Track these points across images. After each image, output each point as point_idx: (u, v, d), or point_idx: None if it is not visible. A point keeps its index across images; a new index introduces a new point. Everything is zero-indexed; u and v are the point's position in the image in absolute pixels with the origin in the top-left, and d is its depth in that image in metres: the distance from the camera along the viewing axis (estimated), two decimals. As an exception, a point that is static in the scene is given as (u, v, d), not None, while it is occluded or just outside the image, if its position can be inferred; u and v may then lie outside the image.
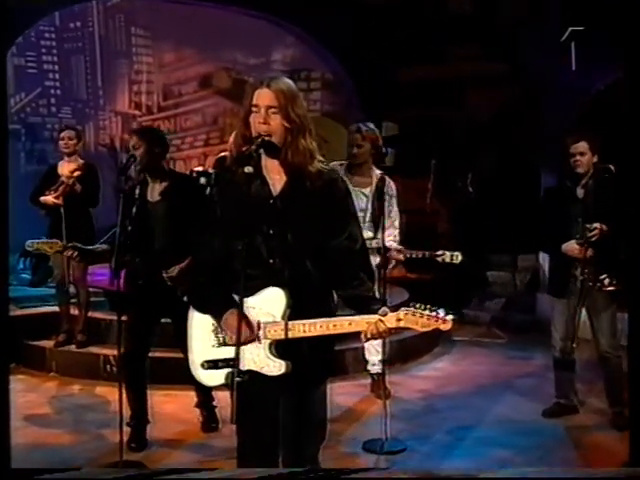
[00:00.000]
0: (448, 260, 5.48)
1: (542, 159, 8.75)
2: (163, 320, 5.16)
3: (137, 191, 5.10)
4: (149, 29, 11.71)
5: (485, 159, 10.06)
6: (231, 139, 7.12)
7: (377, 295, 3.33)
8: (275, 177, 3.13)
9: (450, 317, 2.89)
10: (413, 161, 9.77)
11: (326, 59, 11.20)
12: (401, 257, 5.55)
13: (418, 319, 2.88)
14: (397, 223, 5.88)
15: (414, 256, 5.57)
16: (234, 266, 3.06)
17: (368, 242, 4.78)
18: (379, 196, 5.54)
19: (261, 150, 3.07)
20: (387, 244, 5.48)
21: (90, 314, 7.19)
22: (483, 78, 9.75)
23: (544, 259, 8.24)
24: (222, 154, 8.30)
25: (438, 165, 10.31)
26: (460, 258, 5.46)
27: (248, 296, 3.00)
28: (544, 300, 8.56)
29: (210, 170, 7.67)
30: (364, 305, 3.02)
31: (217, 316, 3.11)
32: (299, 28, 10.70)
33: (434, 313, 2.87)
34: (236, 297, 3.03)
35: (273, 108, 3.03)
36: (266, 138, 3.04)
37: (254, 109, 3.06)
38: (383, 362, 5.83)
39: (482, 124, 9.93)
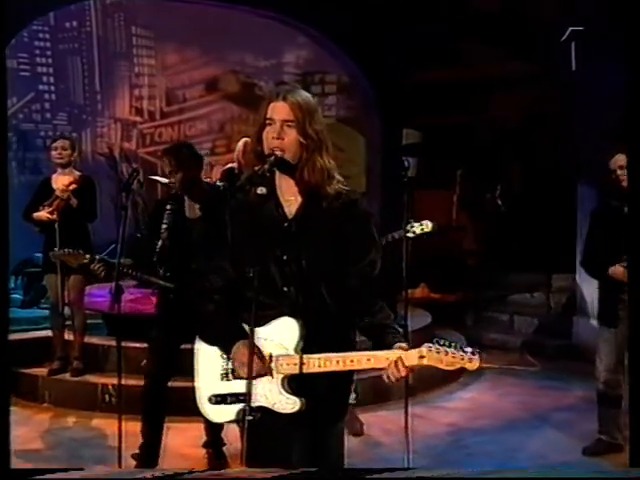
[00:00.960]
0: (419, 232, 5.47)
1: (577, 169, 8.70)
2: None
3: (169, 206, 5.16)
4: (151, 29, 11.74)
5: (515, 169, 10.03)
6: (239, 145, 7.16)
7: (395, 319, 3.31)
8: (290, 198, 3.13)
9: (477, 356, 2.89)
10: (437, 172, 9.76)
11: (342, 61, 11.20)
12: (383, 242, 5.51)
13: (442, 357, 2.87)
14: None
15: (390, 240, 5.55)
16: (245, 294, 3.08)
17: None
18: None
19: (274, 168, 3.07)
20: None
21: (87, 339, 7.18)
22: (512, 81, 9.73)
23: (581, 279, 8.19)
24: (229, 165, 8.33)
25: (464, 176, 10.28)
26: (430, 226, 5.44)
27: (260, 326, 3.01)
28: (581, 324, 8.52)
29: (218, 183, 7.72)
30: (382, 334, 3.02)
31: (226, 348, 3.12)
32: (313, 27, 10.72)
33: (460, 352, 2.88)
34: (247, 327, 3.03)
35: (289, 122, 3.04)
36: (278, 154, 3.04)
37: (268, 122, 3.07)
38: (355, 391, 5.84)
39: (512, 130, 9.91)
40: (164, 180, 5.59)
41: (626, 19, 3.72)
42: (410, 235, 5.42)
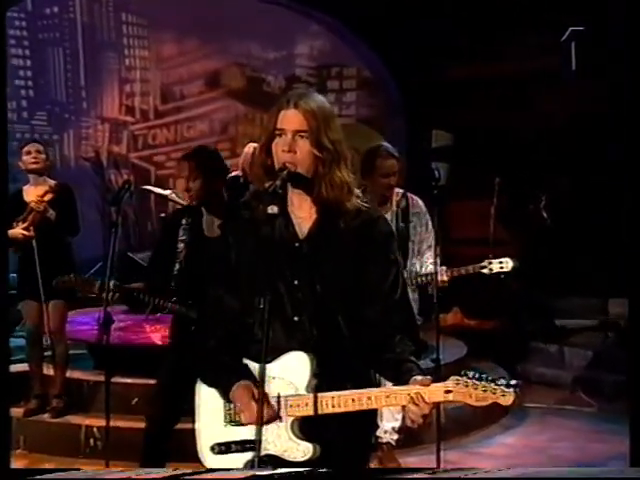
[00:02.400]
0: (497, 269, 5.52)
1: (636, 175, 8.62)
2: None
3: (184, 220, 5.13)
4: (144, 16, 11.78)
5: (563, 177, 9.98)
6: (246, 151, 7.10)
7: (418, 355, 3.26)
8: (302, 215, 3.16)
9: (512, 389, 2.85)
10: (471, 179, 9.72)
11: (362, 52, 11.22)
12: (445, 278, 5.56)
13: (471, 391, 2.85)
14: (433, 244, 5.89)
15: (456, 274, 5.63)
16: (248, 325, 3.10)
17: None
18: (403, 218, 5.55)
19: (287, 184, 3.07)
20: (428, 269, 5.60)
21: (69, 374, 7.15)
22: (558, 75, 9.69)
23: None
24: (234, 174, 8.32)
25: (503, 184, 10.21)
26: (511, 264, 5.54)
27: (265, 362, 3.00)
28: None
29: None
30: (403, 373, 3.01)
31: (225, 390, 3.13)
32: (329, 15, 10.73)
33: (492, 384, 2.85)
34: (250, 363, 3.08)
35: (301, 132, 3.06)
36: (292, 168, 3.05)
37: (278, 133, 3.07)
38: (399, 431, 5.80)
39: (559, 132, 9.86)
40: (160, 191, 5.55)
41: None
42: (486, 272, 5.56)
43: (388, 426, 6.15)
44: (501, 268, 5.56)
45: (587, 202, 9.66)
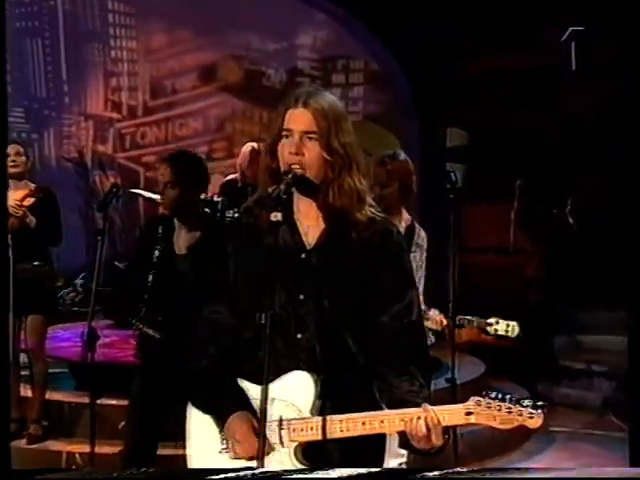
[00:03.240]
0: (502, 332, 5.51)
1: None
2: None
3: (161, 229, 5.11)
4: (131, 3, 11.81)
5: (591, 178, 9.96)
6: (244, 152, 7.05)
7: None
8: (309, 224, 3.17)
9: (540, 411, 2.85)
10: (489, 181, 9.70)
11: (370, 43, 11.23)
12: (438, 327, 5.51)
13: (495, 413, 2.85)
14: (422, 283, 5.89)
15: (458, 323, 5.60)
16: (245, 341, 3.12)
17: None
18: (407, 244, 5.55)
19: (293, 189, 3.07)
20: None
21: (49, 395, 7.11)
22: (586, 68, 9.69)
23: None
24: (231, 177, 8.32)
25: (525, 187, 10.22)
26: (517, 331, 5.50)
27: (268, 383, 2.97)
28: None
29: (216, 198, 7.68)
30: (397, 403, 3.02)
31: (220, 417, 3.13)
32: (333, 3, 10.74)
33: (517, 406, 2.84)
34: (245, 384, 3.10)
35: (310, 134, 3.07)
36: (298, 172, 3.05)
37: (285, 134, 3.09)
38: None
39: (585, 131, 9.84)
40: (150, 195, 5.53)
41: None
42: (489, 330, 5.53)
43: (394, 463, 6.09)
44: (506, 332, 5.50)
45: (617, 206, 9.62)
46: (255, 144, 7.84)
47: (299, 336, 3.08)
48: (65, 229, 7.12)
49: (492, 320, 5.47)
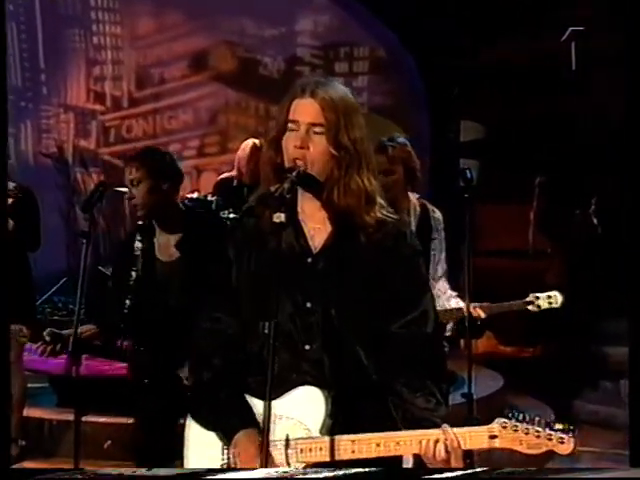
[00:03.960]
0: (546, 306, 5.51)
1: None
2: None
3: (137, 244, 5.05)
4: (116, -15, 11.80)
5: (616, 176, 9.92)
6: (244, 149, 7.03)
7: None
8: (315, 226, 3.19)
9: (571, 435, 2.85)
10: (507, 179, 9.70)
11: (376, 29, 11.25)
12: (482, 314, 5.48)
13: (522, 436, 2.87)
14: (446, 269, 5.88)
15: (495, 312, 5.59)
16: (250, 353, 3.14)
17: None
18: (425, 232, 5.53)
19: (297, 188, 3.07)
20: (451, 302, 5.57)
21: (27, 412, 7.09)
22: (612, 55, 9.65)
23: None
24: (226, 175, 8.29)
25: (545, 185, 10.21)
26: (560, 299, 5.52)
27: (271, 399, 2.98)
28: None
29: (209, 197, 7.65)
30: (411, 422, 3.04)
31: (226, 433, 3.14)
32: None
33: (547, 430, 2.84)
34: (251, 400, 3.11)
35: (317, 127, 3.09)
36: (302, 169, 3.06)
37: (291, 126, 3.10)
38: None
39: (613, 124, 9.81)
40: None
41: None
42: (532, 309, 5.55)
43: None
44: (550, 304, 5.53)
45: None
46: (257, 140, 7.82)
47: (306, 347, 3.09)
48: (44, 231, 7.10)
49: (531, 297, 5.49)
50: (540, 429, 2.84)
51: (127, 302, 4.94)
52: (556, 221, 10.18)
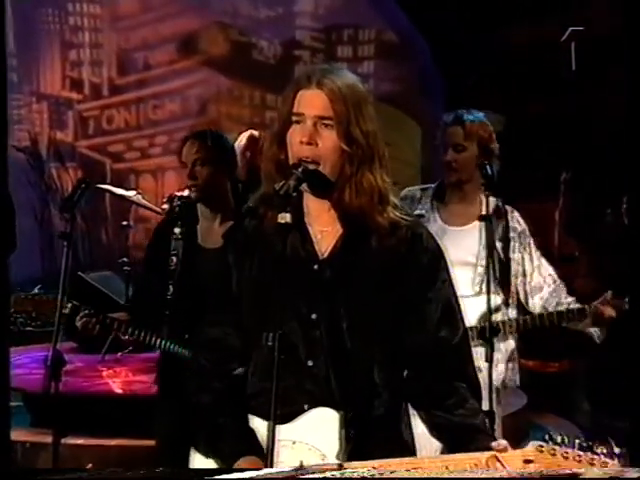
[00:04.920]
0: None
1: None
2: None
3: (177, 228, 5.14)
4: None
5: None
6: (241, 140, 7.09)
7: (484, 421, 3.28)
8: (323, 229, 3.20)
9: (617, 460, 2.79)
10: (530, 175, 9.71)
11: (384, 9, 11.25)
12: (612, 313, 5.44)
13: (560, 461, 2.82)
14: (552, 273, 5.84)
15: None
16: (253, 372, 3.15)
17: (500, 315, 5.06)
18: (502, 235, 5.50)
19: (304, 185, 3.06)
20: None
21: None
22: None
23: None
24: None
25: (572, 182, 10.22)
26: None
27: (281, 422, 3.00)
28: None
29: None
30: (464, 438, 3.05)
31: (226, 461, 3.14)
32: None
33: (588, 453, 2.80)
34: (256, 421, 3.11)
35: (326, 120, 3.09)
36: (311, 167, 3.05)
37: (296, 120, 3.10)
38: None
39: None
40: (121, 191, 5.54)
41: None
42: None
43: None
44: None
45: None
46: (255, 131, 7.84)
47: (309, 364, 3.10)
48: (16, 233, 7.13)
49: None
50: (581, 453, 2.80)
51: (170, 288, 5.03)
52: (584, 221, 10.20)
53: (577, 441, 2.81)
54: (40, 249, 10.51)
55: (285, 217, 2.97)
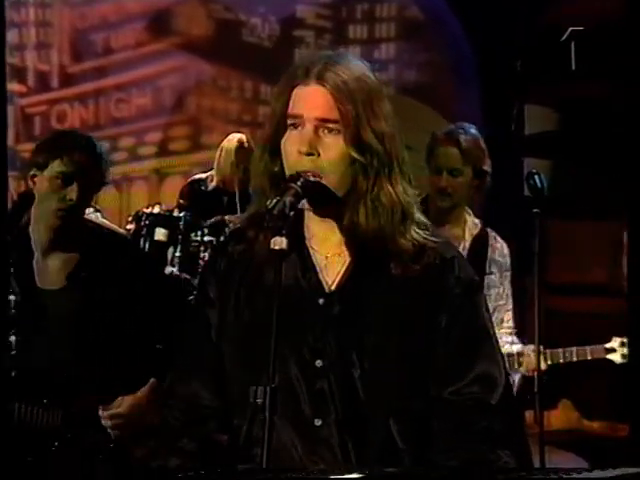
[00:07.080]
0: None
1: None
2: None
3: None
4: None
5: None
6: (227, 145, 7.16)
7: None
8: (329, 254, 3.21)
9: None
10: (591, 186, 9.76)
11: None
12: (542, 365, 5.66)
13: None
14: (510, 309, 6.06)
15: (563, 360, 5.87)
16: (241, 428, 3.14)
17: None
18: (477, 259, 5.64)
19: (304, 202, 3.08)
20: (510, 348, 5.80)
21: None
22: None
23: None
24: (197, 176, 8.37)
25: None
26: None
27: None
28: None
29: (175, 212, 7.71)
30: None
31: None
32: None
33: None
34: None
35: (330, 123, 3.10)
36: (312, 179, 3.06)
37: (291, 123, 3.12)
38: None
39: None
40: None
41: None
42: (614, 359, 5.93)
43: None
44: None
45: None
46: (242, 135, 7.89)
47: (317, 423, 3.13)
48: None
49: (614, 343, 5.87)
50: None
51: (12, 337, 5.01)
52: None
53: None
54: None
55: (280, 242, 2.94)
